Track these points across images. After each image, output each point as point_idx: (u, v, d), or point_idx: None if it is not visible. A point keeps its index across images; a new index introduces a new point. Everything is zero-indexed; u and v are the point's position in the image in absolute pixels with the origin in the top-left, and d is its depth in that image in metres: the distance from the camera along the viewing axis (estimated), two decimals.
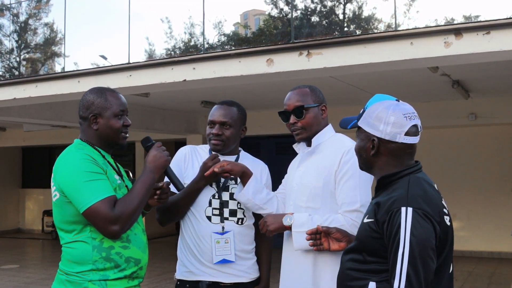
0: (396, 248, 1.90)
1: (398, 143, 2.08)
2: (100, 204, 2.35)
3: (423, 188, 2.02)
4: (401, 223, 1.90)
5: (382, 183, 2.13)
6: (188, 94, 9.09)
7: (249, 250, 3.09)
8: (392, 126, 2.07)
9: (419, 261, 1.87)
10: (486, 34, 4.83)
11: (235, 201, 3.02)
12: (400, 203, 1.95)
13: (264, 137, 12.47)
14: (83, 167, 2.42)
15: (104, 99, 2.60)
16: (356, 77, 7.63)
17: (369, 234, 2.04)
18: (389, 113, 2.08)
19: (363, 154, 2.17)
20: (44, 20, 7.85)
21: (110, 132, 2.60)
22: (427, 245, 1.90)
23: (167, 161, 2.63)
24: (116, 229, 2.37)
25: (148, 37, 6.82)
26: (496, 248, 11.12)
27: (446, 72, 7.48)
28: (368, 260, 2.04)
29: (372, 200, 2.15)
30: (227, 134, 3.04)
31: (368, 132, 2.12)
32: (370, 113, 2.12)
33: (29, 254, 13.48)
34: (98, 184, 2.40)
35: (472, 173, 11.24)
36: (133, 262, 2.50)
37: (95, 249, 2.44)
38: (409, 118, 2.09)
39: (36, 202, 16.91)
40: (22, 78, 7.71)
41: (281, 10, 6.07)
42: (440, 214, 1.99)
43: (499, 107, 9.84)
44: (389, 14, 5.42)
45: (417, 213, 1.91)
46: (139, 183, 2.51)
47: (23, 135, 14.35)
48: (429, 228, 1.92)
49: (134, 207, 2.42)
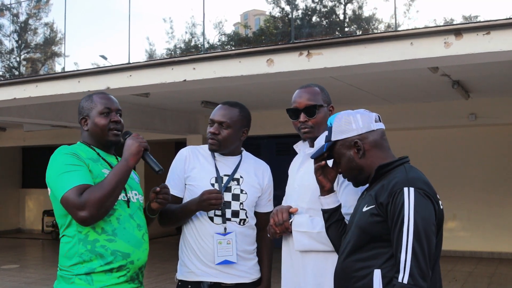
0: (401, 225, 2.03)
1: (375, 130, 2.30)
2: (70, 192, 2.44)
3: (418, 173, 2.21)
4: (404, 202, 2.05)
5: (378, 173, 2.26)
6: (188, 94, 9.09)
7: (250, 251, 3.09)
8: (362, 121, 2.30)
9: (423, 235, 2.01)
10: (486, 35, 4.83)
11: (237, 201, 3.03)
12: (402, 184, 2.10)
13: (265, 137, 12.47)
14: (61, 161, 2.54)
15: (90, 101, 2.76)
16: (356, 77, 7.64)
17: (371, 220, 2.14)
18: (353, 114, 2.33)
19: (352, 165, 2.31)
20: (44, 20, 7.86)
21: (97, 130, 2.71)
22: (430, 221, 2.06)
23: (139, 146, 2.63)
24: (84, 215, 2.42)
25: (149, 37, 6.82)
26: (496, 248, 11.12)
27: (446, 73, 7.49)
28: (371, 247, 2.15)
29: (367, 192, 2.30)
30: (224, 135, 3.02)
31: (346, 139, 2.30)
32: (337, 125, 2.33)
33: (29, 254, 13.49)
34: (72, 175, 2.49)
35: (472, 173, 11.25)
36: (120, 255, 2.53)
37: (81, 242, 2.51)
38: (369, 112, 2.36)
39: (36, 202, 16.92)
40: (22, 78, 7.71)
41: (282, 10, 6.07)
42: (437, 197, 2.16)
43: (499, 108, 9.85)
44: (389, 14, 5.43)
45: (419, 192, 2.07)
46: (112, 172, 2.56)
47: (23, 135, 14.36)
48: (430, 206, 2.08)
49: (102, 193, 2.45)
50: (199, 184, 3.02)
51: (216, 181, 3.04)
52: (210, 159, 3.11)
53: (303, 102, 2.77)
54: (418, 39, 5.11)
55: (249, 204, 3.07)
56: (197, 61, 6.19)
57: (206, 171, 3.06)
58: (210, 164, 3.09)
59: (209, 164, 3.09)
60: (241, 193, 3.05)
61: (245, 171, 3.11)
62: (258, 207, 3.14)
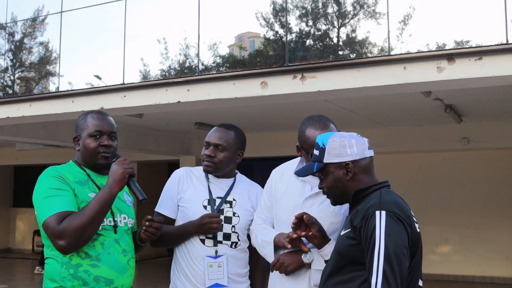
0: (373, 248, 2.05)
1: (367, 157, 2.34)
2: (50, 219, 2.40)
3: (393, 197, 2.24)
4: (375, 225, 2.08)
5: (356, 198, 2.30)
6: (182, 115, 9.09)
7: (242, 274, 3.07)
8: (356, 147, 2.32)
9: (393, 258, 2.03)
10: (478, 60, 4.87)
11: (229, 224, 3.01)
12: (374, 208, 2.14)
13: (258, 159, 12.46)
14: (46, 184, 2.51)
15: (84, 120, 2.70)
16: (350, 101, 7.67)
17: (347, 243, 2.19)
18: (348, 138, 2.34)
19: (338, 185, 2.34)
20: (39, 39, 7.87)
21: (86, 152, 2.67)
22: (401, 244, 2.07)
23: (124, 173, 2.55)
24: (62, 244, 2.39)
25: (143, 58, 6.84)
26: (489, 272, 11.08)
27: (438, 97, 7.54)
28: (348, 270, 2.18)
29: (347, 216, 2.35)
30: (220, 157, 3.02)
31: (337, 163, 2.32)
32: (332, 146, 2.34)
33: (18, 274, 13.33)
34: (54, 200, 2.45)
35: (465, 198, 11.25)
36: (103, 281, 2.49)
37: (64, 266, 2.46)
38: (361, 137, 2.38)
39: (27, 222, 16.77)
40: (16, 97, 7.70)
41: (276, 33, 6.11)
42: (410, 219, 2.17)
43: (491, 132, 9.89)
44: (382, 37, 5.47)
45: (390, 215, 2.10)
46: (94, 199, 2.49)
47: (16, 154, 14.28)
48: (401, 228, 2.10)
49: (81, 222, 2.39)
50: (192, 206, 3.01)
51: (208, 203, 3.03)
52: (204, 180, 3.10)
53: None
54: (411, 64, 5.14)
55: (242, 227, 3.05)
56: (192, 83, 6.20)
57: (199, 193, 3.05)
58: (203, 186, 3.08)
59: (203, 186, 3.08)
60: (234, 216, 3.04)
61: (239, 193, 3.10)
62: None
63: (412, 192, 10.57)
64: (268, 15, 6.11)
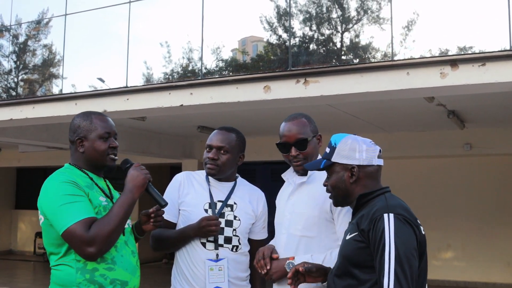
0: (383, 250, 2.08)
1: (374, 165, 2.37)
2: (76, 226, 2.36)
3: (398, 201, 2.29)
4: (384, 228, 2.11)
5: (360, 202, 2.33)
6: (185, 119, 9.10)
7: (243, 278, 3.07)
8: (366, 153, 2.36)
9: (404, 259, 2.06)
10: (481, 66, 4.87)
11: (230, 228, 3.01)
12: (381, 211, 2.17)
13: (260, 163, 12.45)
14: (62, 190, 2.44)
15: (90, 122, 2.64)
16: (353, 106, 7.67)
17: (355, 246, 2.21)
18: (360, 143, 2.37)
19: (341, 186, 2.37)
20: (43, 42, 7.88)
21: (96, 154, 2.62)
22: (410, 245, 2.11)
23: (145, 179, 2.59)
24: (92, 251, 2.37)
25: (146, 61, 6.84)
26: (491, 279, 11.05)
27: (442, 102, 7.53)
28: (355, 274, 2.20)
29: (350, 222, 2.38)
30: (223, 160, 3.03)
31: (344, 164, 2.36)
32: (342, 148, 2.38)
33: (20, 276, 13.33)
34: (75, 206, 2.40)
35: (467, 203, 11.23)
36: (119, 284, 2.48)
37: (79, 271, 2.43)
38: (374, 145, 2.41)
39: (29, 224, 16.78)
40: (19, 99, 7.71)
41: (279, 37, 6.11)
42: (417, 222, 2.21)
43: (494, 138, 9.88)
44: (385, 43, 5.47)
45: (398, 218, 2.14)
46: (117, 204, 2.49)
47: (18, 156, 14.29)
48: (409, 230, 2.14)
49: (110, 228, 2.40)
50: (193, 210, 3.01)
51: (209, 206, 3.03)
52: (204, 184, 3.11)
53: (293, 136, 2.76)
54: (414, 69, 5.14)
55: (243, 231, 3.05)
56: (195, 86, 6.21)
57: (200, 197, 3.05)
58: (204, 190, 3.08)
59: (203, 189, 3.08)
60: (235, 219, 3.04)
61: (239, 197, 3.10)
62: (252, 234, 3.13)
63: (414, 197, 10.54)
64: (272, 19, 6.12)
